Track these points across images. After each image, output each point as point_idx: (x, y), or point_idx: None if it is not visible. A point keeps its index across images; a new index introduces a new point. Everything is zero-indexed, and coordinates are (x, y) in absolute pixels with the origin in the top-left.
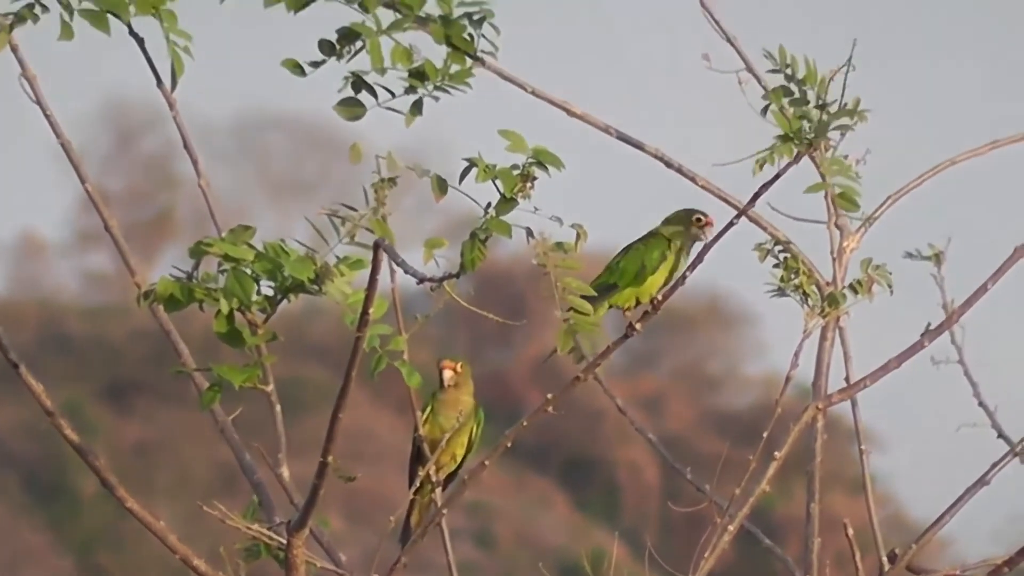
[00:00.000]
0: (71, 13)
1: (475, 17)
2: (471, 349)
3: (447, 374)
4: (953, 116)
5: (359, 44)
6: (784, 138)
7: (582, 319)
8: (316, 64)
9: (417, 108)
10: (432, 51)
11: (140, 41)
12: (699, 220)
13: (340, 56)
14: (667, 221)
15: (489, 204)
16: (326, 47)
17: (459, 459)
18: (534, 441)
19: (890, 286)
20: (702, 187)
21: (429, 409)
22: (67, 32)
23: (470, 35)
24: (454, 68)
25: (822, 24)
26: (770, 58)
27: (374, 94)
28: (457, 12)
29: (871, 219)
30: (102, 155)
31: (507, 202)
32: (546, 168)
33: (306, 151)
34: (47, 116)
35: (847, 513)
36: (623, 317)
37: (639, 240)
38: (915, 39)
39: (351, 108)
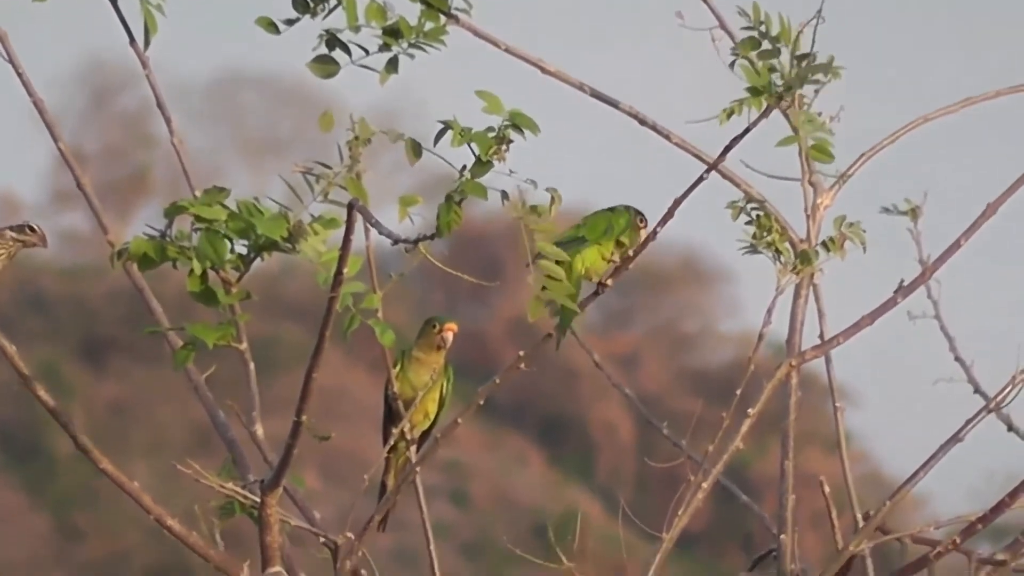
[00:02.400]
0: None
1: None
2: (447, 307)
3: (450, 336)
4: (927, 73)
5: (333, 2)
6: (753, 91)
7: (556, 285)
8: (290, 22)
9: (392, 66)
10: (406, 9)
11: (114, 0)
12: (642, 221)
13: (314, 14)
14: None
15: (464, 166)
16: (300, 4)
17: (432, 417)
18: (510, 399)
19: (863, 244)
20: (676, 144)
21: (399, 367)
22: None
23: None
24: (428, 25)
25: None
26: (743, 15)
27: (348, 52)
28: None
29: (845, 176)
30: (78, 114)
31: (482, 165)
32: (521, 131)
33: (281, 110)
34: (19, 74)
35: (823, 470)
36: (591, 280)
37: (602, 209)
38: None
39: (325, 66)
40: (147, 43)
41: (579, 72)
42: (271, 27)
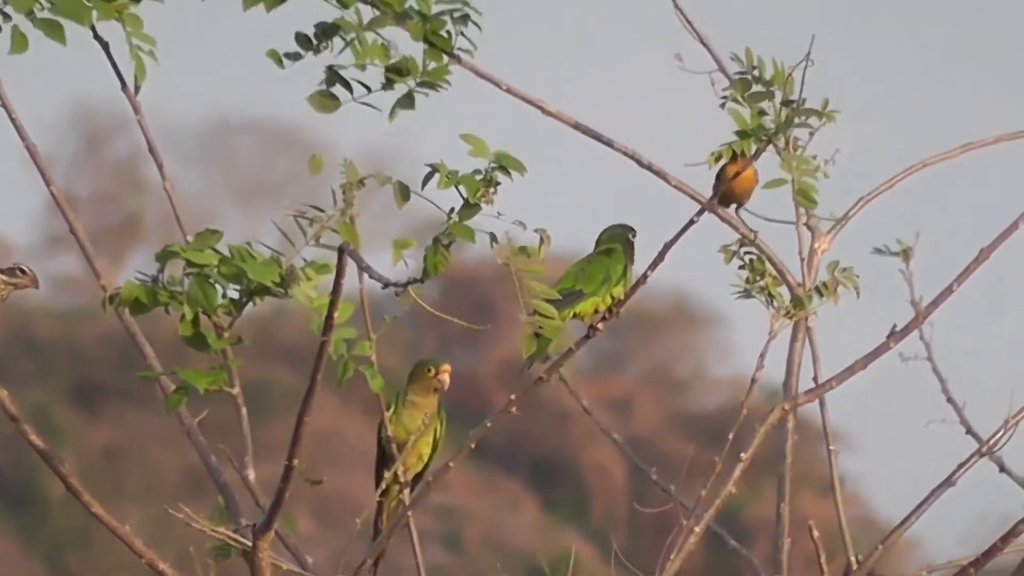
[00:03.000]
0: (34, 22)
1: (457, 15)
2: (439, 350)
3: (447, 379)
4: (926, 117)
5: (336, 40)
6: (742, 134)
7: (547, 322)
8: (294, 57)
9: (408, 101)
10: (407, 48)
11: (105, 45)
12: (634, 234)
13: (317, 51)
14: (612, 236)
15: (452, 209)
16: (303, 41)
17: (425, 459)
18: (503, 443)
19: (856, 289)
20: (674, 186)
21: (392, 410)
22: (20, 44)
23: (448, 32)
24: (431, 65)
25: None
26: (737, 60)
27: (350, 89)
28: (436, 9)
29: (843, 220)
30: (70, 159)
31: (470, 207)
32: (508, 172)
33: (274, 154)
34: (12, 119)
35: (816, 514)
36: (583, 320)
37: (597, 252)
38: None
39: (324, 101)
40: (137, 89)
41: (578, 114)
42: (278, 61)
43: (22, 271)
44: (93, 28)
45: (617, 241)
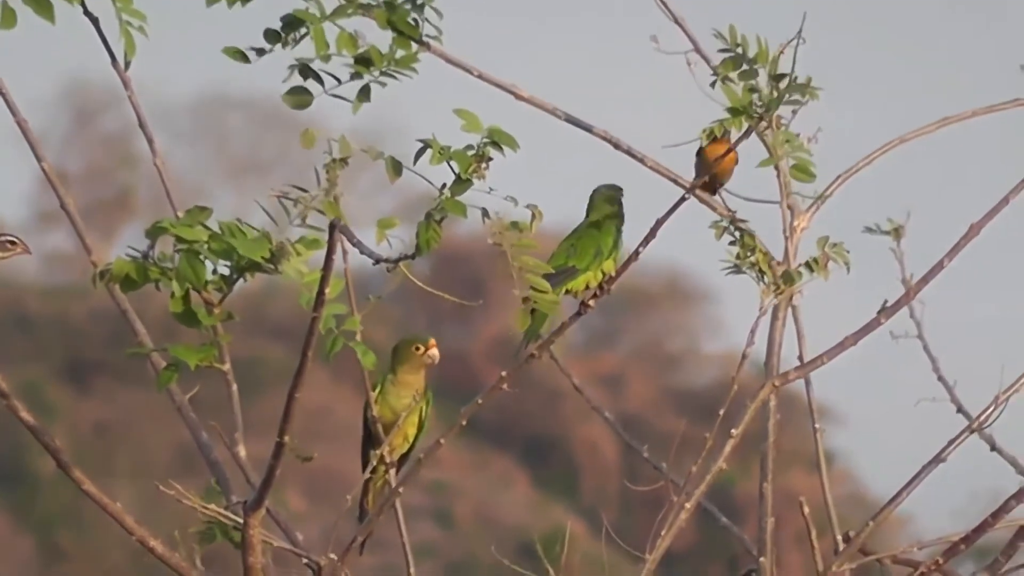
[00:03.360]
0: None
1: (417, 1)
2: (429, 327)
3: (436, 354)
4: (905, 93)
5: (304, 31)
6: (734, 111)
7: (541, 297)
8: (260, 52)
9: (364, 95)
10: (378, 37)
11: (95, 21)
12: (622, 193)
13: (285, 44)
14: (596, 200)
15: (444, 185)
16: (271, 35)
17: (411, 440)
18: (495, 420)
19: (847, 264)
20: (651, 168)
21: (378, 390)
22: (9, 19)
23: (414, 20)
24: (399, 53)
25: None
26: (720, 38)
27: (320, 81)
28: None
29: (822, 198)
30: (61, 135)
31: (462, 183)
32: (501, 148)
33: (264, 131)
34: (3, 95)
35: (807, 490)
36: (575, 296)
37: (586, 226)
38: (864, 18)
39: (298, 96)
40: (127, 65)
41: (554, 97)
42: (240, 56)
43: (12, 242)
44: (83, 3)
45: (605, 207)
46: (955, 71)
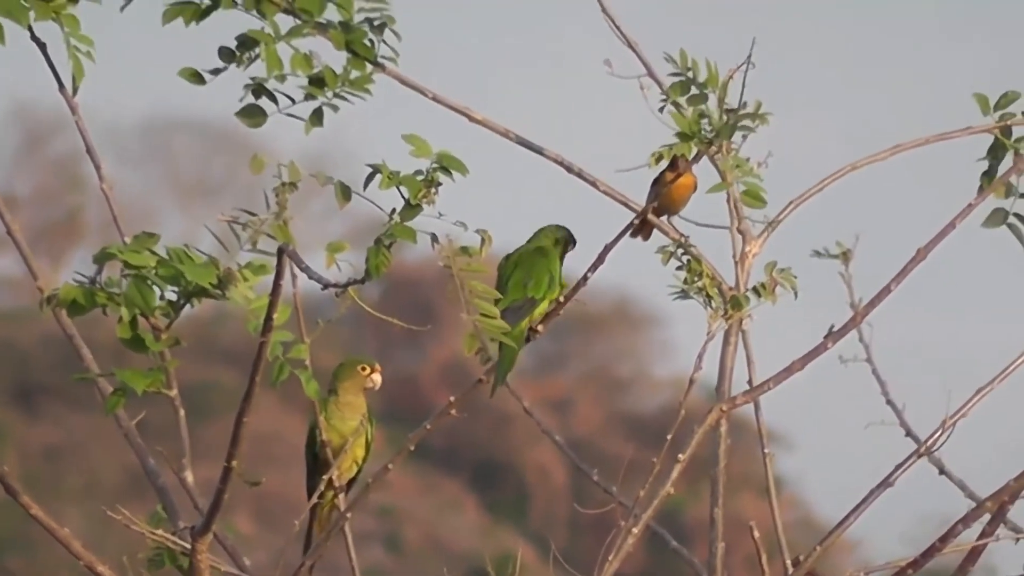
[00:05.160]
0: None
1: (376, 23)
2: (379, 352)
3: (378, 378)
4: (857, 119)
5: (258, 51)
6: (683, 136)
7: (488, 323)
8: (216, 72)
9: (317, 117)
10: (333, 57)
11: (42, 46)
12: (570, 245)
13: (240, 63)
14: (541, 232)
15: (394, 210)
16: (226, 54)
17: (360, 463)
18: (444, 444)
19: (795, 289)
20: (603, 192)
21: (323, 415)
22: None
23: (370, 41)
24: (354, 74)
25: (724, 31)
26: (671, 61)
27: (275, 100)
28: (357, 18)
29: (773, 224)
30: (9, 158)
31: (411, 208)
32: (450, 173)
33: (213, 154)
34: None
35: (757, 515)
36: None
37: (531, 252)
38: (816, 44)
39: (252, 116)
40: (75, 90)
41: (507, 120)
42: (195, 78)
43: None
44: (30, 28)
45: (545, 236)
46: (907, 98)
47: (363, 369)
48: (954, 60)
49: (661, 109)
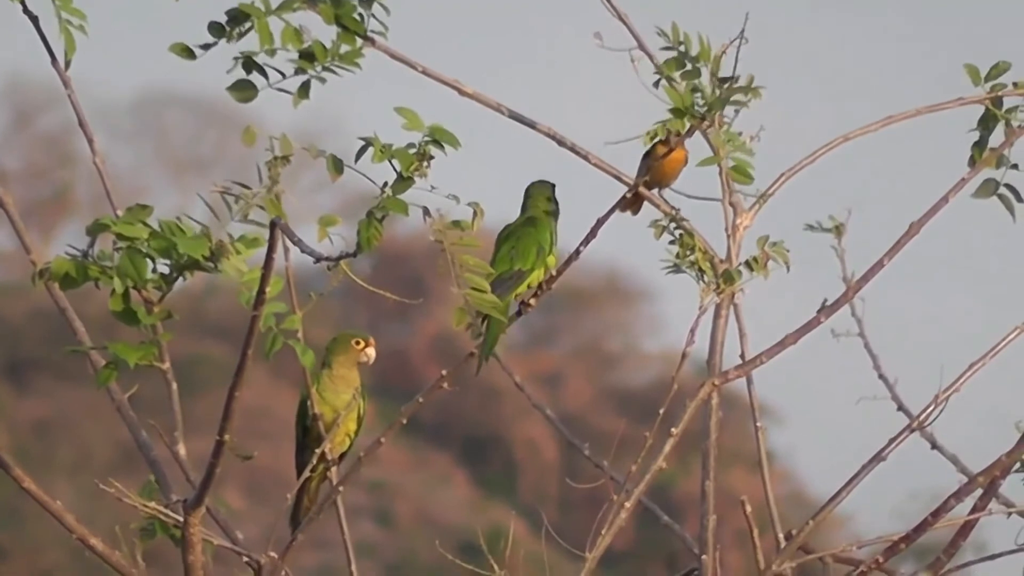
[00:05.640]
0: None
1: None
2: (370, 325)
3: (372, 352)
4: (849, 92)
5: (249, 25)
6: (677, 111)
7: (479, 296)
8: (206, 46)
9: (304, 90)
10: (323, 32)
11: (34, 19)
12: (553, 188)
13: (230, 38)
14: (531, 197)
15: (386, 183)
16: (216, 29)
17: (352, 436)
18: (434, 418)
19: (787, 263)
20: (595, 165)
21: (315, 388)
22: None
23: (360, 15)
24: (344, 48)
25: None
26: (663, 35)
27: (265, 75)
28: None
29: (765, 196)
30: (0, 133)
31: (403, 181)
32: (442, 146)
33: (205, 128)
34: None
35: (747, 489)
36: (516, 296)
37: (521, 224)
38: (808, 18)
39: (243, 90)
40: (67, 64)
41: (498, 94)
42: (186, 52)
43: None
44: (23, 2)
45: (541, 202)
46: (899, 69)
47: (357, 343)
48: (945, 31)
49: (656, 84)
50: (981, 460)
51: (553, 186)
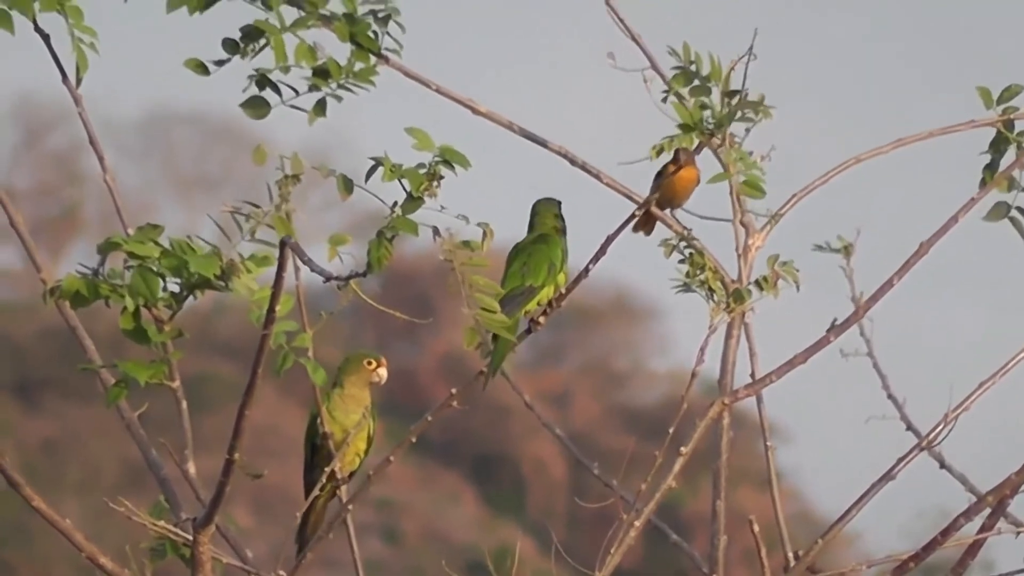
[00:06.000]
0: None
1: (380, 15)
2: (378, 345)
3: (384, 373)
4: (859, 114)
5: (263, 42)
6: (684, 127)
7: (489, 316)
8: (220, 63)
9: (320, 107)
10: (336, 49)
11: (46, 38)
12: (560, 206)
13: (244, 54)
14: (539, 214)
15: (396, 203)
16: (230, 46)
17: (362, 455)
18: (443, 437)
19: (796, 283)
20: (606, 184)
21: (325, 407)
22: None
23: (375, 33)
24: (358, 66)
25: (726, 23)
26: (674, 55)
27: (278, 92)
28: (362, 10)
29: (776, 217)
30: (10, 151)
31: (413, 201)
32: (452, 167)
33: (213, 147)
34: None
35: (756, 509)
36: (526, 314)
37: (532, 241)
38: (819, 37)
39: (256, 107)
40: (79, 81)
41: (511, 113)
42: (200, 68)
43: None
44: (34, 20)
45: (549, 220)
46: (911, 91)
47: (369, 363)
48: (958, 53)
49: (664, 100)
50: (990, 479)
51: (559, 203)
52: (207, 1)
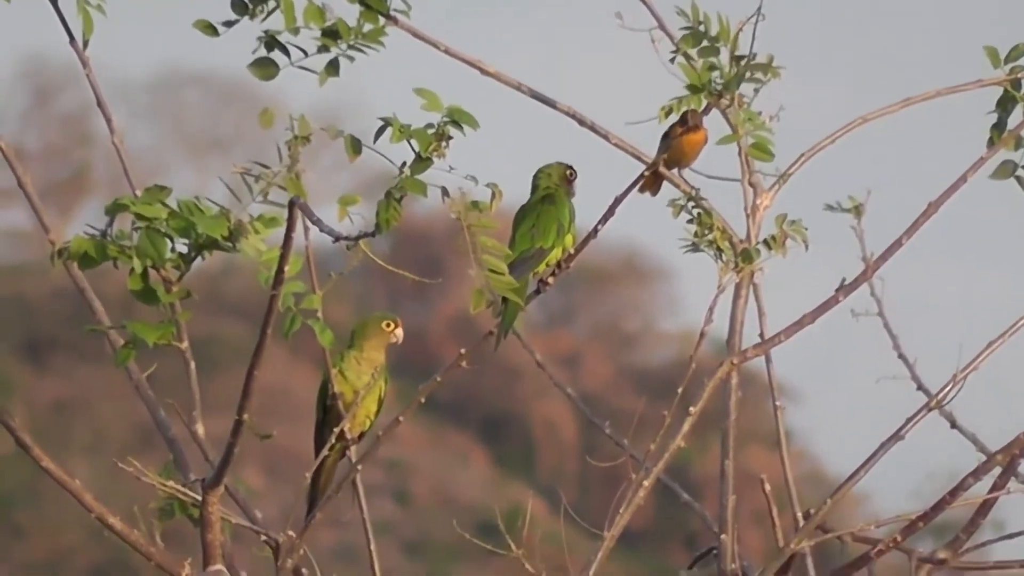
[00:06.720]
0: None
1: None
2: (388, 305)
3: (401, 334)
4: (866, 74)
5: (272, 3)
6: (692, 88)
7: (497, 278)
8: (229, 24)
9: (332, 68)
10: (345, 10)
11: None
12: (571, 174)
13: (253, 16)
14: (545, 176)
15: (404, 163)
16: (239, 6)
17: (373, 417)
18: (453, 397)
19: (805, 242)
20: (615, 145)
21: (337, 368)
22: None
23: None
24: (367, 27)
25: None
26: (683, 15)
27: (287, 53)
28: None
29: (785, 176)
30: (19, 113)
31: (422, 161)
32: (461, 127)
33: (223, 107)
34: None
35: (765, 468)
36: (535, 275)
37: (539, 201)
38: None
39: (264, 68)
40: (85, 43)
41: (519, 73)
42: (209, 29)
43: None
44: None
45: (553, 180)
46: (918, 50)
47: (388, 325)
48: (965, 12)
49: (672, 60)
50: (1000, 439)
51: (567, 166)
52: None
